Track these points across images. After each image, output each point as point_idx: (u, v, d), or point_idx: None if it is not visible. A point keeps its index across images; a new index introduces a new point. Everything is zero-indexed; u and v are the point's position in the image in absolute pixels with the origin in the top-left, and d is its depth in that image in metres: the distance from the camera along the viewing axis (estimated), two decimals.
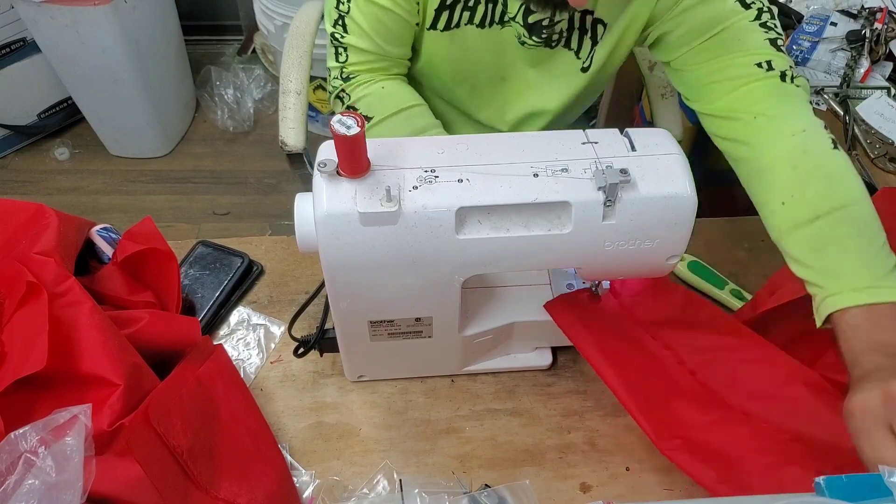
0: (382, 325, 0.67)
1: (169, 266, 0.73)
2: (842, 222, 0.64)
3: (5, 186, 2.04)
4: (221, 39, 2.47)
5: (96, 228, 0.77)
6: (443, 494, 0.65)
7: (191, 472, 0.61)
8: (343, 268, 0.59)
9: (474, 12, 0.83)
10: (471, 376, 0.77)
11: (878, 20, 1.18)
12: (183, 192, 2.06)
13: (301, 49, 1.09)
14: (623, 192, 0.57)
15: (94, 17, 1.74)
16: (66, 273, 0.63)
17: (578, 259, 0.62)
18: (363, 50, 0.84)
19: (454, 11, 0.83)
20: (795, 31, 1.20)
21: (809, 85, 0.90)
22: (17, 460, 0.51)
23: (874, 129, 1.06)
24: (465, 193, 0.56)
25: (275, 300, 0.83)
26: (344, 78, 0.86)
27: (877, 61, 1.16)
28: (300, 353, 0.75)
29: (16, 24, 1.88)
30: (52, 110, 2.12)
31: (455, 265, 0.60)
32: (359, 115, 0.52)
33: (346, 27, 0.83)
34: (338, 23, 0.83)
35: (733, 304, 0.82)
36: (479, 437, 0.72)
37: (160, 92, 2.03)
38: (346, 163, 0.55)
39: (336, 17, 0.83)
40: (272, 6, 1.94)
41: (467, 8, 0.83)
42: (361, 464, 0.70)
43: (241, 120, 2.22)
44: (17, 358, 0.57)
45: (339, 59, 0.85)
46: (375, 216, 0.55)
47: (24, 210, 0.70)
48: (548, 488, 0.68)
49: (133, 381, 0.60)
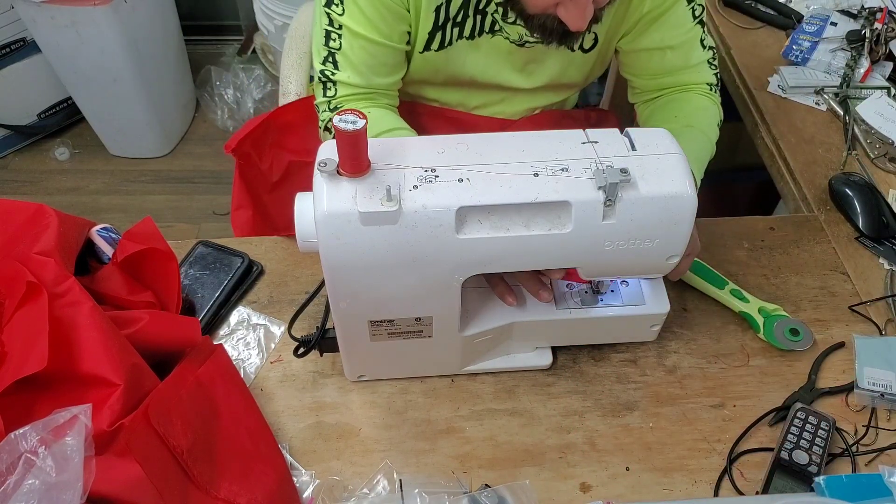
0: (382, 325, 0.67)
1: (169, 266, 0.73)
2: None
3: (5, 186, 2.04)
4: (221, 39, 2.47)
5: (96, 228, 0.77)
6: (443, 494, 0.65)
7: (191, 472, 0.61)
8: (343, 268, 0.59)
9: (463, 27, 0.84)
10: (471, 376, 0.77)
11: (878, 20, 1.18)
12: (183, 192, 2.06)
13: (301, 50, 1.09)
14: (623, 192, 0.57)
15: (94, 17, 1.74)
16: (66, 273, 0.63)
17: (578, 259, 0.62)
18: (353, 85, 0.84)
19: (446, 31, 0.84)
20: (795, 31, 1.20)
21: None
22: (17, 460, 0.51)
23: (874, 129, 1.06)
24: (466, 193, 0.56)
25: (275, 300, 0.83)
26: (332, 109, 0.85)
27: (877, 61, 1.16)
28: (300, 353, 0.75)
29: (16, 24, 1.88)
30: (52, 110, 2.12)
31: (455, 265, 0.60)
32: (360, 112, 0.52)
33: (336, 64, 0.83)
34: (328, 60, 0.83)
35: (733, 305, 0.82)
36: (479, 437, 0.72)
37: (160, 92, 2.03)
38: (348, 161, 0.55)
39: (326, 54, 0.83)
40: (272, 6, 1.94)
41: (456, 24, 0.83)
42: (361, 464, 0.70)
43: (241, 120, 2.21)
44: (18, 358, 0.57)
45: (328, 94, 0.85)
46: (376, 216, 0.55)
47: (24, 210, 0.70)
48: (548, 488, 0.68)
49: (133, 381, 0.60)
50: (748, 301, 0.81)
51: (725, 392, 0.76)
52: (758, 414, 0.74)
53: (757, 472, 0.70)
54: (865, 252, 0.90)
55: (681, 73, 0.91)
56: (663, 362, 0.78)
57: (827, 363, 0.78)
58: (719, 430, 0.73)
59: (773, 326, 0.79)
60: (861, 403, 0.75)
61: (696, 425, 0.73)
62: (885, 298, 0.85)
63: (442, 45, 0.86)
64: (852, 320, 0.83)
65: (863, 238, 0.91)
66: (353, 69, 0.83)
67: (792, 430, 0.70)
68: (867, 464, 0.70)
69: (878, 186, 0.97)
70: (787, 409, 0.73)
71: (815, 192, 0.97)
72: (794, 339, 0.78)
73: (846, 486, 0.62)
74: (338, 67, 0.83)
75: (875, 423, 0.73)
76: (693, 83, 0.92)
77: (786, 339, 0.78)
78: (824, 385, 0.76)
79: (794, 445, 0.69)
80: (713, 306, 0.83)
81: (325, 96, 0.85)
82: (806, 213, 0.96)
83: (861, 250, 0.90)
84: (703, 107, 0.89)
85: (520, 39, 0.85)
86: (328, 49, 0.83)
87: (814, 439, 0.69)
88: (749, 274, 0.87)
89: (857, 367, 0.76)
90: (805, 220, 0.94)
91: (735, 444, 0.71)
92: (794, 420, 0.71)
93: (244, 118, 2.21)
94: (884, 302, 0.84)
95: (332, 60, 0.83)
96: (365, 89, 0.85)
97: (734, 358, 0.79)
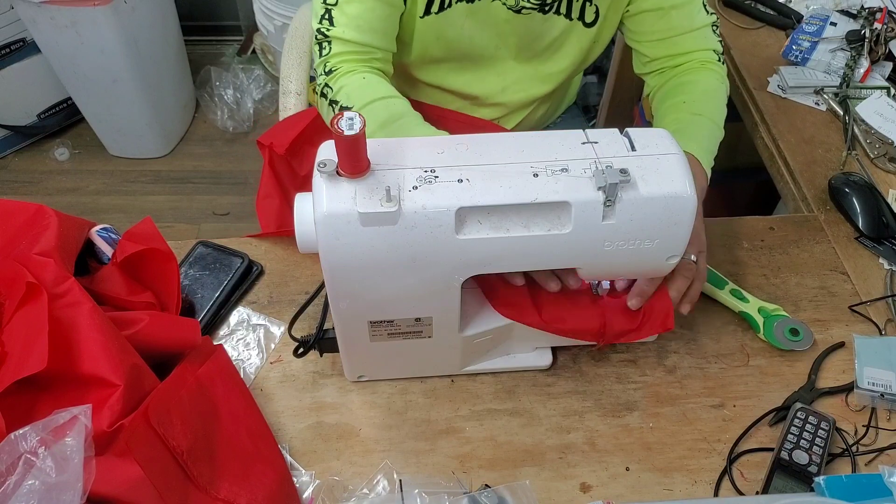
0: (382, 326, 0.67)
1: (169, 266, 0.73)
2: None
3: (5, 187, 2.04)
4: (221, 40, 2.47)
5: (96, 229, 0.77)
6: (443, 494, 0.65)
7: (191, 472, 0.61)
8: (343, 268, 0.59)
9: None
10: (471, 376, 0.77)
11: (878, 20, 1.18)
12: (183, 192, 2.06)
13: (301, 50, 1.09)
14: (623, 192, 0.57)
15: (94, 18, 1.74)
16: (65, 274, 0.63)
17: (578, 259, 0.62)
18: (347, 41, 0.84)
19: None
20: (795, 32, 1.20)
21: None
22: (17, 461, 0.51)
23: (874, 128, 1.06)
24: (465, 193, 0.56)
25: (274, 300, 0.83)
26: (327, 72, 0.86)
27: (876, 61, 1.16)
28: (300, 354, 0.75)
29: (15, 25, 1.89)
30: (52, 111, 2.12)
31: (455, 265, 0.60)
32: (359, 115, 0.52)
33: (332, 20, 0.84)
34: (324, 17, 0.84)
35: (733, 305, 0.82)
36: (479, 437, 0.72)
37: (160, 92, 2.03)
38: (347, 163, 0.55)
39: (322, 11, 0.84)
40: (271, 6, 1.94)
41: None
42: (361, 464, 0.70)
43: (241, 120, 2.22)
44: (18, 358, 0.57)
45: (323, 53, 0.86)
46: (375, 216, 0.55)
47: (24, 210, 0.70)
48: (547, 488, 0.68)
49: (133, 381, 0.60)
50: (748, 301, 0.81)
51: (725, 392, 0.76)
52: (758, 414, 0.74)
53: (757, 472, 0.70)
54: (865, 252, 0.90)
55: (686, 36, 0.93)
56: (663, 362, 0.78)
57: (827, 363, 0.78)
58: (719, 430, 0.73)
59: (772, 326, 0.79)
60: (861, 403, 0.75)
61: (696, 425, 0.73)
62: (884, 298, 0.85)
63: (441, 7, 0.86)
64: (852, 320, 0.83)
65: (863, 238, 0.91)
66: (348, 24, 0.83)
67: (792, 430, 0.70)
68: (867, 464, 0.71)
69: (878, 186, 0.97)
70: (787, 409, 0.73)
71: (815, 192, 0.98)
72: (794, 339, 0.78)
73: (846, 486, 0.62)
74: (333, 23, 0.84)
75: (875, 423, 0.73)
76: (698, 49, 0.93)
77: (786, 339, 0.78)
78: (824, 385, 0.76)
79: (794, 445, 0.69)
80: (713, 306, 0.83)
81: (321, 56, 0.86)
82: (806, 213, 0.96)
83: (861, 250, 0.90)
84: (711, 89, 0.90)
85: (516, 5, 0.87)
86: (325, 6, 0.83)
87: (814, 439, 0.69)
88: (749, 274, 0.87)
89: (857, 367, 0.76)
90: (805, 220, 0.94)
91: (735, 444, 0.71)
92: (794, 420, 0.71)
93: (244, 118, 2.21)
94: (884, 302, 0.84)
95: (329, 17, 0.84)
96: (360, 46, 0.85)
97: (734, 358, 0.79)
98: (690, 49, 0.93)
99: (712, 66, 0.93)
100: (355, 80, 0.85)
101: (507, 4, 0.87)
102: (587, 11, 0.91)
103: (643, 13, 0.93)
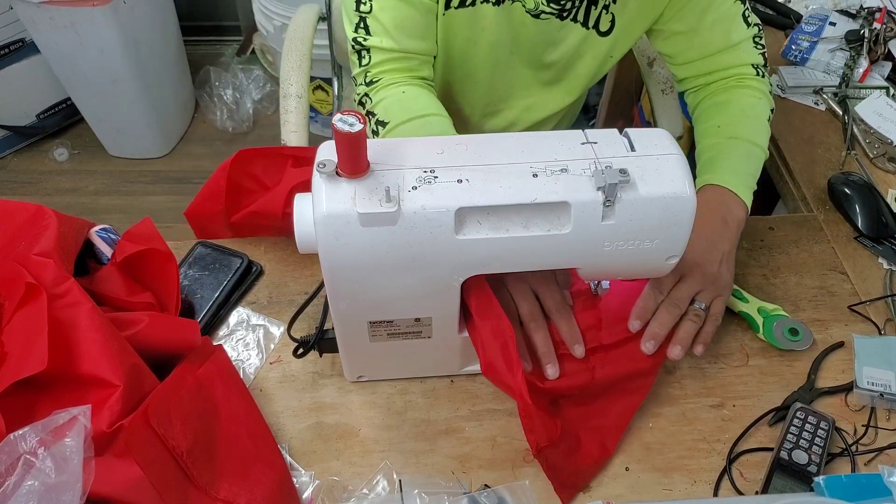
0: (382, 326, 0.67)
1: (168, 267, 0.73)
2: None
3: (4, 187, 2.04)
4: (220, 40, 2.47)
5: (95, 229, 0.77)
6: (442, 495, 0.65)
7: (190, 472, 0.61)
8: (342, 268, 0.59)
9: None
10: (470, 376, 0.77)
11: (877, 20, 1.18)
12: (182, 192, 2.06)
13: (300, 52, 1.09)
14: (622, 193, 0.57)
15: (93, 18, 1.75)
16: (65, 274, 0.63)
17: (578, 259, 0.62)
18: (386, 49, 0.82)
19: None
20: (794, 31, 1.20)
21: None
22: (17, 461, 0.51)
23: (873, 128, 1.06)
24: (465, 194, 0.56)
25: (274, 301, 0.83)
26: (367, 83, 0.84)
27: (875, 61, 1.17)
28: (300, 354, 0.75)
29: (15, 25, 1.89)
30: (52, 111, 2.12)
31: (455, 265, 0.60)
32: (360, 114, 0.52)
33: (368, 29, 0.82)
34: (359, 26, 0.82)
35: (733, 304, 0.82)
36: (479, 438, 0.72)
37: (159, 92, 2.04)
38: (346, 162, 0.55)
39: (357, 20, 0.82)
40: (271, 7, 1.94)
41: None
42: (361, 464, 0.70)
43: (241, 120, 2.22)
44: (17, 359, 0.57)
45: (363, 63, 0.84)
46: (375, 216, 0.55)
47: (24, 211, 0.70)
48: (547, 488, 0.68)
49: (132, 382, 0.60)
50: (747, 301, 0.81)
51: (725, 392, 0.76)
52: (757, 414, 0.74)
53: (756, 471, 0.70)
54: (864, 252, 0.90)
55: (721, 54, 0.89)
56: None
57: (826, 363, 0.78)
58: (719, 430, 0.73)
59: (772, 326, 0.79)
60: (860, 403, 0.75)
61: (696, 425, 0.73)
62: (884, 298, 0.85)
63: (463, 3, 0.84)
64: (851, 320, 0.83)
65: (862, 238, 0.91)
66: (385, 32, 0.81)
67: (791, 429, 0.70)
68: (867, 463, 0.71)
69: (878, 186, 0.97)
70: (787, 408, 0.73)
71: (815, 191, 0.98)
72: (794, 339, 0.78)
73: (846, 485, 0.62)
74: (369, 32, 0.82)
75: (874, 423, 0.73)
76: (736, 65, 0.89)
77: (785, 339, 0.78)
78: (824, 385, 0.76)
79: (793, 445, 0.69)
80: None
81: (361, 66, 0.84)
82: (805, 212, 0.96)
83: (860, 250, 0.91)
84: (748, 106, 0.87)
85: (535, 8, 0.84)
86: (359, 14, 0.81)
87: (813, 439, 0.69)
88: (748, 274, 0.87)
89: (857, 366, 0.76)
90: (804, 220, 0.94)
91: (735, 444, 0.71)
92: (793, 420, 0.71)
93: (243, 118, 2.22)
94: (883, 302, 0.84)
95: (364, 26, 0.82)
96: (399, 53, 0.83)
97: (734, 358, 0.79)
98: (727, 66, 0.90)
99: (750, 82, 0.89)
100: (394, 93, 0.83)
101: (525, 6, 0.84)
102: (602, 20, 0.88)
103: (676, 35, 0.89)
